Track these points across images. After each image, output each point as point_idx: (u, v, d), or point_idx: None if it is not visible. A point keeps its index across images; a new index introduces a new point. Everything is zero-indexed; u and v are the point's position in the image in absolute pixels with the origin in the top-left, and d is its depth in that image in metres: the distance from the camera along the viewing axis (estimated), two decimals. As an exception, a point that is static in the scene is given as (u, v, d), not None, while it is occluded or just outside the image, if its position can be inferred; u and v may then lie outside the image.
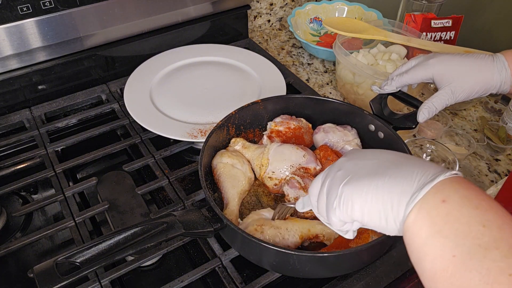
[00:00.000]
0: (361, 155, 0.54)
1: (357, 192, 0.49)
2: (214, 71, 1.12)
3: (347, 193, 0.50)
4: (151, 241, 0.59)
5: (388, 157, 0.51)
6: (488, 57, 0.72)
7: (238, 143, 0.86)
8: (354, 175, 0.50)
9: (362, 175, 0.50)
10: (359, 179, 0.49)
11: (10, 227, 0.82)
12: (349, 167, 0.52)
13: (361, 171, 0.50)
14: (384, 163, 0.50)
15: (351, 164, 0.53)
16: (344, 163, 0.54)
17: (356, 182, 0.49)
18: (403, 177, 0.46)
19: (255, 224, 0.69)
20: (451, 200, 0.42)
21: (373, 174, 0.49)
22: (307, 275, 0.67)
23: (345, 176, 0.51)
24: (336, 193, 0.51)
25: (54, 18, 0.95)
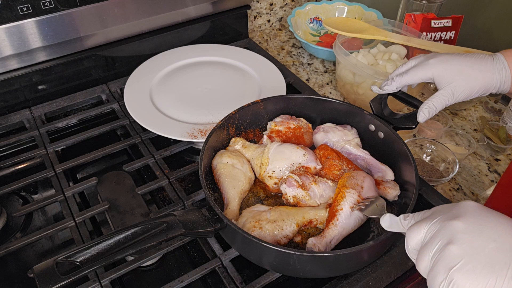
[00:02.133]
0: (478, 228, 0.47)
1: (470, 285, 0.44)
2: (214, 71, 1.12)
3: (458, 282, 0.45)
4: (151, 241, 0.59)
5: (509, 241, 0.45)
6: (488, 57, 0.72)
7: (238, 143, 0.86)
8: (468, 262, 0.45)
9: (478, 265, 0.44)
10: (474, 270, 0.44)
11: (10, 227, 0.83)
12: (464, 247, 0.46)
13: (477, 257, 0.45)
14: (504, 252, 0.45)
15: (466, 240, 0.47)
16: (458, 234, 0.48)
17: (470, 273, 0.44)
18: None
19: (251, 221, 0.69)
20: None
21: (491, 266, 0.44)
22: (307, 275, 0.67)
23: (458, 258, 0.46)
24: (445, 276, 0.46)
25: (54, 18, 0.95)
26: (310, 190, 0.75)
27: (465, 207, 0.51)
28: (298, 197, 0.75)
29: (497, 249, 0.45)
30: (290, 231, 0.70)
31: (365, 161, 0.83)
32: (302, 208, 0.74)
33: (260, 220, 0.69)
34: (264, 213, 0.71)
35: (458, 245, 0.46)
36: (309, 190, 0.75)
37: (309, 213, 0.73)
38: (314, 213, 0.73)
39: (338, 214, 0.69)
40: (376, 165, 0.82)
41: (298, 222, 0.71)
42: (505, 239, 0.46)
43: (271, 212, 0.71)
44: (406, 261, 0.73)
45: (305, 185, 0.75)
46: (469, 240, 0.47)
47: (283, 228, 0.69)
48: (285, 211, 0.72)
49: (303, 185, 0.75)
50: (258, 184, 0.83)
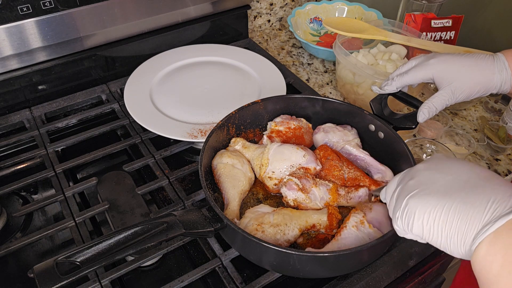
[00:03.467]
0: (438, 167, 0.51)
1: (421, 209, 0.47)
2: (214, 71, 1.12)
3: (410, 206, 0.48)
4: (151, 241, 0.59)
5: (466, 174, 0.47)
6: (488, 57, 0.72)
7: (238, 143, 0.86)
8: (423, 189, 0.48)
9: (431, 191, 0.47)
10: (427, 195, 0.47)
11: (10, 227, 0.83)
12: (422, 179, 0.50)
13: (432, 186, 0.48)
14: (458, 182, 0.47)
15: (425, 175, 0.50)
16: (418, 171, 0.52)
17: (422, 198, 0.47)
18: (476, 203, 0.43)
19: (254, 223, 0.69)
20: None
21: (443, 193, 0.46)
22: (307, 275, 0.67)
23: (415, 187, 0.49)
24: (401, 203, 0.49)
25: (54, 18, 0.95)
26: (311, 193, 0.75)
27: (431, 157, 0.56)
28: (298, 200, 0.75)
29: (453, 180, 0.47)
30: (292, 236, 0.69)
31: (364, 162, 0.83)
32: (306, 212, 0.73)
33: (263, 223, 0.69)
34: (267, 216, 0.70)
35: (416, 179, 0.50)
36: (309, 193, 0.75)
37: (312, 218, 0.72)
38: (317, 217, 0.72)
39: (342, 231, 0.68)
40: (375, 166, 0.82)
41: (301, 227, 0.71)
42: (464, 173, 0.48)
43: (274, 215, 0.71)
44: (406, 261, 0.73)
45: (306, 188, 0.75)
46: (427, 174, 0.50)
47: (286, 233, 0.69)
48: (289, 214, 0.71)
49: (304, 188, 0.75)
50: (258, 184, 0.83)
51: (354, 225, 0.68)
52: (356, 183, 0.79)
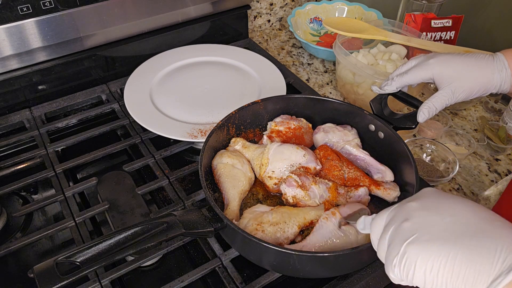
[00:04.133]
0: (435, 205, 0.47)
1: (423, 257, 0.42)
2: (214, 71, 1.12)
3: (411, 255, 0.43)
4: (151, 241, 0.59)
5: (466, 216, 0.44)
6: (488, 57, 0.72)
7: (238, 143, 0.86)
8: (422, 234, 0.44)
9: (432, 237, 0.43)
10: (428, 242, 0.43)
11: (10, 227, 0.83)
12: (418, 221, 0.46)
13: (432, 231, 0.44)
14: (459, 225, 0.43)
15: (421, 215, 0.46)
16: (413, 211, 0.47)
17: (423, 245, 0.43)
18: (482, 251, 0.40)
19: (253, 223, 0.69)
20: None
21: (445, 239, 0.42)
22: (307, 275, 0.67)
23: (412, 232, 0.45)
24: (398, 250, 0.45)
25: (54, 18, 0.95)
26: (310, 190, 0.75)
27: (422, 192, 0.50)
28: (297, 197, 0.75)
29: (453, 223, 0.44)
30: (292, 233, 0.70)
31: (364, 162, 0.83)
32: (303, 209, 0.74)
33: (262, 223, 0.69)
34: (266, 215, 0.71)
35: (413, 221, 0.46)
36: (308, 190, 0.75)
37: (310, 214, 0.72)
38: (315, 213, 0.73)
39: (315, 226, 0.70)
40: (375, 166, 0.82)
41: (300, 224, 0.71)
42: (462, 214, 0.44)
43: (272, 213, 0.71)
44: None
45: (305, 185, 0.75)
46: (424, 215, 0.46)
47: (285, 231, 0.69)
48: (287, 212, 0.72)
49: (303, 185, 0.75)
50: (258, 184, 0.83)
51: (325, 217, 0.70)
52: (356, 183, 0.79)
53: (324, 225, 0.69)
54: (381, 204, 0.79)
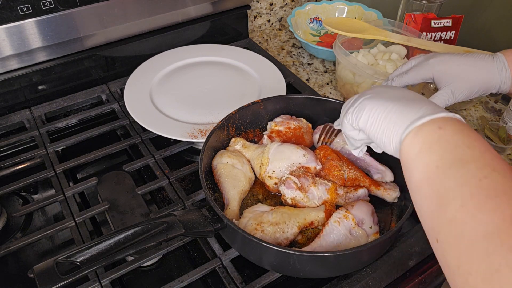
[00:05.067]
0: (393, 88, 0.62)
1: (370, 106, 0.57)
2: (214, 71, 1.12)
3: (363, 104, 0.59)
4: (152, 241, 0.59)
5: (412, 94, 0.58)
6: (488, 57, 0.72)
7: (238, 143, 0.86)
8: (376, 95, 0.59)
9: (382, 97, 0.58)
10: (378, 98, 0.58)
11: (10, 227, 0.83)
12: (378, 90, 0.61)
13: (384, 95, 0.58)
14: (405, 95, 0.57)
15: (382, 89, 0.61)
16: (377, 87, 0.63)
17: (374, 99, 0.58)
18: (412, 107, 0.53)
19: (253, 223, 0.69)
20: (446, 128, 0.48)
21: (391, 98, 0.56)
22: (307, 275, 0.67)
23: (370, 93, 0.60)
24: (356, 103, 0.60)
25: (54, 18, 0.95)
26: (309, 192, 0.75)
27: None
28: (296, 199, 0.75)
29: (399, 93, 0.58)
30: (292, 234, 0.70)
31: (364, 162, 0.83)
32: (304, 209, 0.73)
33: (262, 223, 0.69)
34: (266, 215, 0.71)
35: (373, 90, 0.61)
36: (307, 192, 0.75)
37: (310, 215, 0.72)
38: (315, 214, 0.72)
39: (324, 228, 0.69)
40: (375, 166, 0.82)
41: (300, 224, 0.71)
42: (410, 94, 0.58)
43: (272, 213, 0.71)
44: (406, 261, 0.73)
45: (304, 187, 0.75)
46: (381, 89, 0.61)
47: (285, 231, 0.69)
48: (287, 212, 0.72)
49: (302, 187, 0.75)
50: (258, 184, 0.83)
51: (337, 221, 0.69)
52: (356, 183, 0.79)
53: (335, 228, 0.68)
54: (381, 204, 0.79)
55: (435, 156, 0.46)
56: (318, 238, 0.68)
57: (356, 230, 0.69)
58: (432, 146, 0.47)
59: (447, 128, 0.48)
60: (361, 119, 0.58)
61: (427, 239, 0.48)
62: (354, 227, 0.69)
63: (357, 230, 0.69)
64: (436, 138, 0.48)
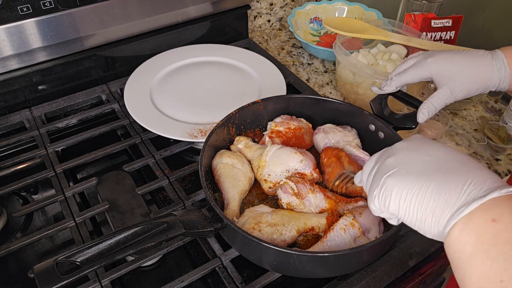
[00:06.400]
0: (417, 147, 0.51)
1: (398, 188, 0.47)
2: (214, 71, 1.12)
3: (388, 185, 0.48)
4: (152, 241, 0.59)
5: (444, 156, 0.48)
6: (486, 55, 0.72)
7: (241, 142, 0.86)
8: (401, 169, 0.48)
9: (409, 171, 0.48)
10: (405, 175, 0.48)
11: (11, 227, 0.83)
12: (400, 158, 0.50)
13: (410, 167, 0.48)
14: (437, 163, 0.47)
15: (404, 154, 0.51)
16: (397, 150, 0.52)
17: (400, 177, 0.48)
18: (452, 185, 0.43)
19: (251, 222, 0.69)
20: (502, 220, 0.39)
21: (421, 173, 0.46)
22: (307, 275, 0.67)
23: (393, 166, 0.49)
24: (379, 182, 0.50)
25: (54, 18, 0.95)
26: (306, 199, 0.74)
27: (411, 137, 0.55)
28: (291, 205, 0.74)
29: (431, 161, 0.47)
30: (289, 237, 0.69)
31: (365, 162, 0.83)
32: (305, 214, 0.73)
33: (260, 222, 0.69)
34: (265, 215, 0.70)
35: (395, 157, 0.51)
36: (304, 198, 0.74)
37: (312, 220, 0.71)
38: (316, 220, 0.71)
39: (329, 233, 0.68)
40: (376, 165, 0.82)
41: (299, 228, 0.70)
42: (441, 155, 0.48)
43: (272, 215, 0.71)
44: (406, 261, 0.73)
45: (301, 193, 0.74)
46: (407, 154, 0.50)
47: (282, 233, 0.68)
48: (287, 215, 0.71)
49: (299, 193, 0.74)
50: (258, 184, 0.83)
51: (343, 228, 0.68)
52: (357, 194, 0.78)
53: (340, 235, 0.67)
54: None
55: (496, 266, 0.38)
56: (320, 241, 0.68)
57: (361, 239, 0.67)
58: (489, 249, 0.39)
59: (502, 219, 0.39)
60: (391, 206, 0.48)
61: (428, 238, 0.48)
62: (359, 236, 0.67)
63: (362, 239, 0.67)
64: (492, 236, 0.39)
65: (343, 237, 0.67)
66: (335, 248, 0.66)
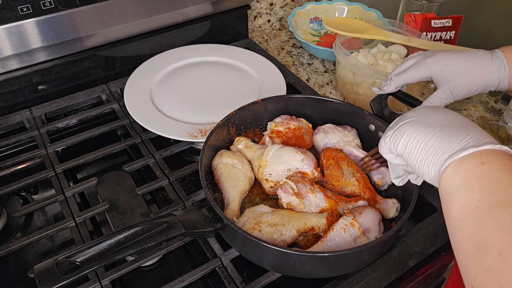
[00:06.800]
0: (437, 109, 0.58)
1: (410, 131, 0.54)
2: (214, 71, 1.12)
3: (401, 129, 0.56)
4: (152, 241, 0.59)
5: (457, 118, 0.54)
6: (486, 54, 0.72)
7: (241, 142, 0.86)
8: (417, 119, 0.56)
9: (423, 122, 0.55)
10: (418, 123, 0.55)
11: (11, 227, 0.83)
12: (420, 112, 0.58)
13: (425, 119, 0.55)
14: (448, 121, 0.54)
15: (424, 110, 0.58)
16: (419, 109, 0.59)
17: (414, 124, 0.55)
18: (455, 135, 0.50)
19: (251, 222, 0.69)
20: (490, 163, 0.45)
21: (432, 125, 0.53)
22: (307, 275, 0.67)
23: (411, 117, 0.57)
24: (396, 126, 0.57)
25: (54, 19, 0.95)
26: (306, 198, 0.74)
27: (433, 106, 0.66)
28: (291, 204, 0.74)
29: (444, 118, 0.54)
30: (290, 237, 0.69)
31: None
32: (305, 214, 0.73)
33: (260, 222, 0.69)
34: (265, 215, 0.70)
35: (415, 112, 0.58)
36: (304, 198, 0.74)
37: (312, 220, 0.71)
38: (316, 220, 0.71)
39: (329, 233, 0.68)
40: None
41: (299, 228, 0.70)
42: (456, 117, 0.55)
43: (273, 215, 0.71)
44: (406, 261, 0.73)
45: (301, 193, 0.74)
46: (426, 110, 0.58)
47: (282, 233, 0.68)
48: (287, 215, 0.71)
49: (299, 193, 0.74)
50: (258, 184, 0.83)
51: (343, 227, 0.68)
52: (356, 195, 0.78)
53: (340, 235, 0.67)
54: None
55: (475, 195, 0.44)
56: (321, 241, 0.68)
57: (361, 239, 0.68)
58: (472, 183, 0.45)
59: (491, 163, 0.45)
60: (400, 145, 0.55)
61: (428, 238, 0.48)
62: (359, 236, 0.68)
63: (362, 239, 0.68)
64: (478, 174, 0.45)
65: (343, 237, 0.67)
66: (335, 248, 0.66)
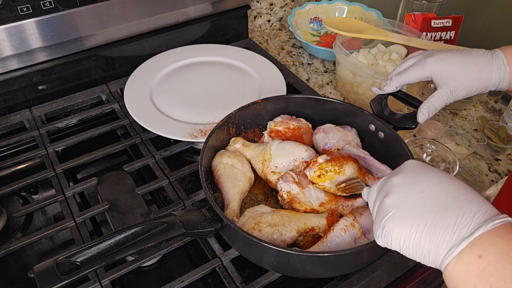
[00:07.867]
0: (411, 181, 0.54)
1: (397, 232, 0.51)
2: (214, 71, 1.12)
3: (388, 229, 0.52)
4: (152, 241, 0.59)
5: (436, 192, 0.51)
6: (486, 54, 0.72)
7: (238, 142, 0.86)
8: (397, 211, 0.52)
9: (405, 214, 0.51)
10: (401, 218, 0.51)
11: (11, 227, 0.83)
12: (396, 197, 0.53)
13: (406, 208, 0.51)
14: (430, 201, 0.50)
15: (399, 193, 0.53)
16: (394, 187, 0.54)
17: (397, 221, 0.51)
18: (443, 226, 0.47)
19: (251, 222, 0.69)
20: (487, 255, 0.43)
21: (415, 215, 0.50)
22: (307, 275, 0.67)
23: (390, 208, 0.53)
24: (380, 224, 0.53)
25: (54, 19, 0.95)
26: (306, 189, 0.75)
27: (405, 165, 0.57)
28: (292, 193, 0.74)
29: (424, 199, 0.51)
30: (289, 237, 0.69)
31: (365, 162, 0.83)
32: (305, 214, 0.73)
33: (260, 223, 0.69)
34: (266, 215, 0.70)
35: (391, 197, 0.54)
36: (305, 188, 0.75)
37: (312, 220, 0.71)
38: (316, 220, 0.71)
39: (329, 234, 0.68)
40: (376, 165, 0.82)
41: (299, 229, 0.70)
42: (432, 190, 0.51)
43: (273, 215, 0.70)
44: (406, 261, 0.73)
45: (302, 183, 0.75)
46: (401, 192, 0.54)
47: (282, 233, 0.68)
48: (287, 215, 0.71)
49: (299, 183, 0.75)
50: (258, 184, 0.83)
51: (343, 228, 0.68)
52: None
53: (341, 236, 0.67)
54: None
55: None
56: (321, 242, 0.68)
57: (361, 240, 0.68)
58: (476, 284, 0.43)
59: (487, 255, 0.43)
60: (393, 246, 0.53)
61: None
62: (360, 237, 0.68)
63: (362, 240, 0.68)
64: (479, 272, 0.43)
65: (344, 237, 0.67)
66: (335, 248, 0.66)
